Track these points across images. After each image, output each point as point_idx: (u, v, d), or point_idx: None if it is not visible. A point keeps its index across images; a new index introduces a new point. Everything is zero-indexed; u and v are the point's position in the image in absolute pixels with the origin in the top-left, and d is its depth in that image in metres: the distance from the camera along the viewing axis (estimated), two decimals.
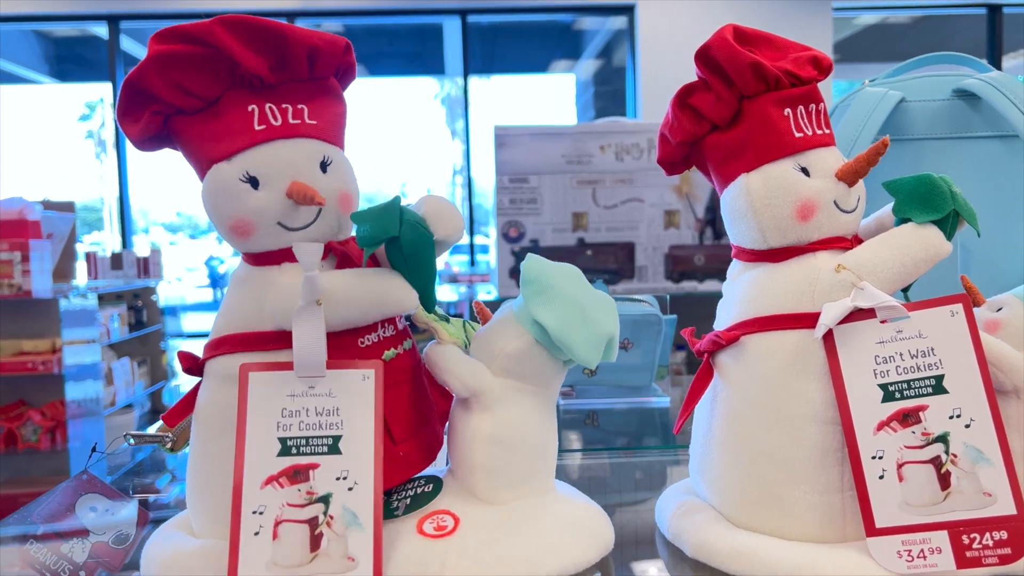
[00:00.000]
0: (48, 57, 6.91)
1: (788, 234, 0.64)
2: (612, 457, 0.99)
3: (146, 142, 0.62)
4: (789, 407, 0.62)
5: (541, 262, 0.63)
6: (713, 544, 0.63)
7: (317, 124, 0.62)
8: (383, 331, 0.64)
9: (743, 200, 0.65)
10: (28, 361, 2.95)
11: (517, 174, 2.22)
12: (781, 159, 0.64)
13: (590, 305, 0.61)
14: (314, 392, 0.59)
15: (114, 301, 4.04)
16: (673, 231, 2.26)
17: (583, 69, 6.94)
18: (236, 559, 0.55)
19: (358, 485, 0.57)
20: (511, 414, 0.63)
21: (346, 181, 0.63)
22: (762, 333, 0.64)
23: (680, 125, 0.68)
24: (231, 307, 0.63)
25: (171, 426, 0.65)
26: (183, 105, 0.60)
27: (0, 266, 2.89)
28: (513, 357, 0.63)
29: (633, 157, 2.21)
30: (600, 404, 1.20)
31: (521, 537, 0.60)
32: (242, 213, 0.60)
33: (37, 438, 2.99)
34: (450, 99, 7.48)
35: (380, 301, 0.60)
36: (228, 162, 0.60)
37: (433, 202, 0.63)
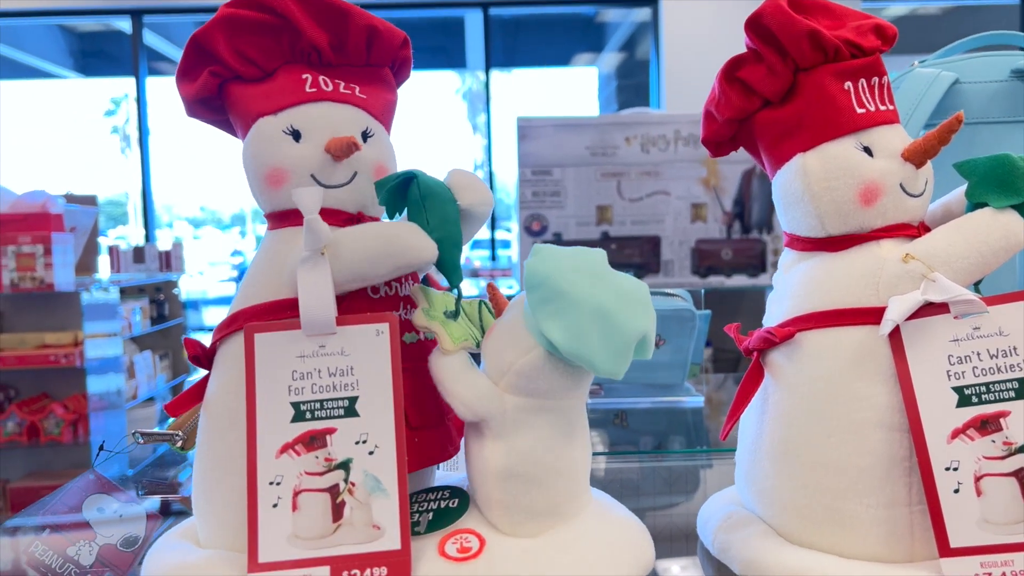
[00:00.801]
0: (72, 52, 6.95)
1: (849, 220, 0.58)
2: (643, 461, 0.94)
3: (197, 105, 0.62)
4: (851, 411, 0.56)
5: (548, 259, 0.54)
6: (765, 562, 0.57)
7: (367, 99, 0.62)
8: (401, 288, 0.60)
9: (799, 182, 0.60)
10: (51, 354, 2.94)
11: (540, 166, 2.18)
12: (841, 137, 0.59)
13: (613, 305, 0.52)
14: (325, 351, 0.55)
15: (136, 295, 4.04)
16: (700, 224, 2.20)
17: (606, 62, 6.87)
18: (255, 533, 0.52)
19: (379, 448, 0.54)
20: (526, 442, 0.56)
21: (385, 156, 0.62)
22: (820, 329, 0.58)
23: (728, 101, 0.63)
24: (249, 281, 0.60)
25: (174, 415, 0.61)
26: (241, 71, 0.60)
27: (23, 259, 2.89)
28: (523, 374, 0.55)
29: (659, 149, 2.16)
30: (629, 403, 1.15)
31: (554, 563, 0.54)
32: (278, 161, 0.59)
33: (60, 431, 2.99)
34: (471, 94, 7.45)
35: (392, 248, 0.55)
36: (274, 116, 0.60)
37: (458, 172, 0.60)
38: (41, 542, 0.71)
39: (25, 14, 5.64)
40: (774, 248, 2.21)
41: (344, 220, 0.59)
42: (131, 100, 5.77)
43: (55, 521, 0.75)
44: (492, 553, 0.55)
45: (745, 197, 2.19)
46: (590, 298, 0.52)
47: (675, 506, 0.82)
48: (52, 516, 0.76)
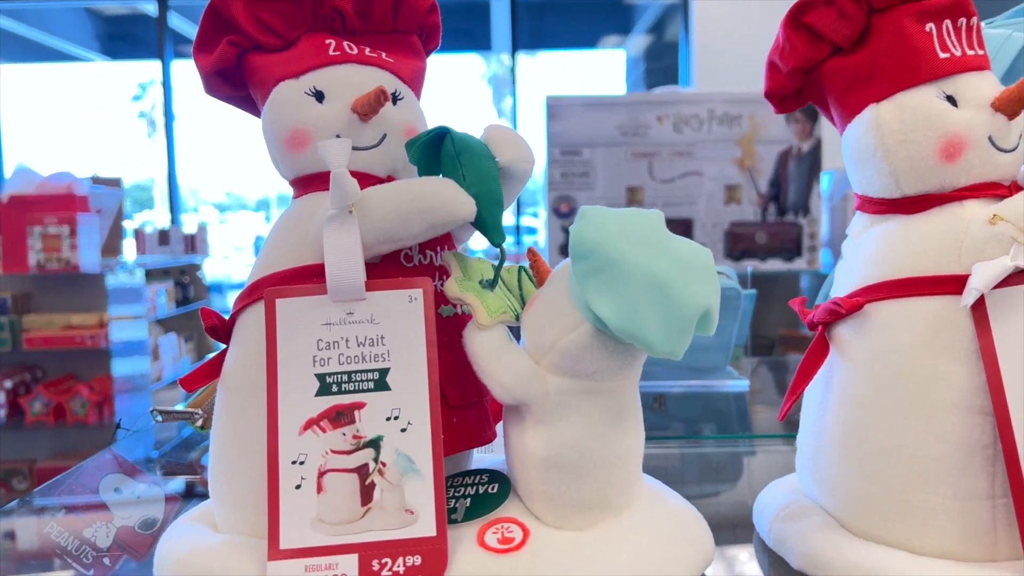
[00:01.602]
0: (99, 35, 6.97)
1: (928, 178, 0.53)
2: (683, 447, 0.90)
3: (215, 78, 0.59)
4: (926, 392, 0.50)
5: (597, 223, 0.47)
6: (825, 556, 0.52)
7: (395, 63, 0.58)
8: (436, 255, 0.56)
9: (871, 137, 0.54)
10: (76, 335, 2.96)
11: (569, 146, 2.13)
12: (921, 85, 0.53)
13: (672, 275, 0.46)
14: (353, 319, 0.50)
15: (161, 277, 4.05)
16: (734, 207, 2.15)
17: (634, 44, 6.78)
18: (277, 517, 0.47)
19: (412, 425, 0.49)
20: (571, 430, 0.50)
21: (416, 119, 0.58)
22: (893, 300, 0.52)
23: (793, 48, 0.57)
24: (270, 248, 0.56)
25: (190, 390, 0.57)
26: (261, 39, 0.57)
27: (48, 240, 2.90)
28: (568, 353, 0.49)
29: (692, 128, 2.10)
30: (668, 386, 1.10)
31: (605, 557, 0.49)
32: (300, 122, 0.55)
33: (85, 412, 3.00)
34: (496, 78, 7.40)
35: (425, 203, 0.50)
36: (296, 80, 0.56)
37: (496, 128, 0.56)
38: (57, 523, 0.68)
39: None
40: (810, 232, 2.14)
41: (373, 183, 0.54)
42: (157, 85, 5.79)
43: (71, 502, 0.72)
44: (536, 545, 0.50)
45: (781, 178, 2.13)
46: (645, 268, 0.46)
47: (719, 495, 0.78)
48: (69, 496, 0.73)
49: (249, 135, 0.60)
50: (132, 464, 0.69)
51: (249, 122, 0.62)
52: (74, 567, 0.62)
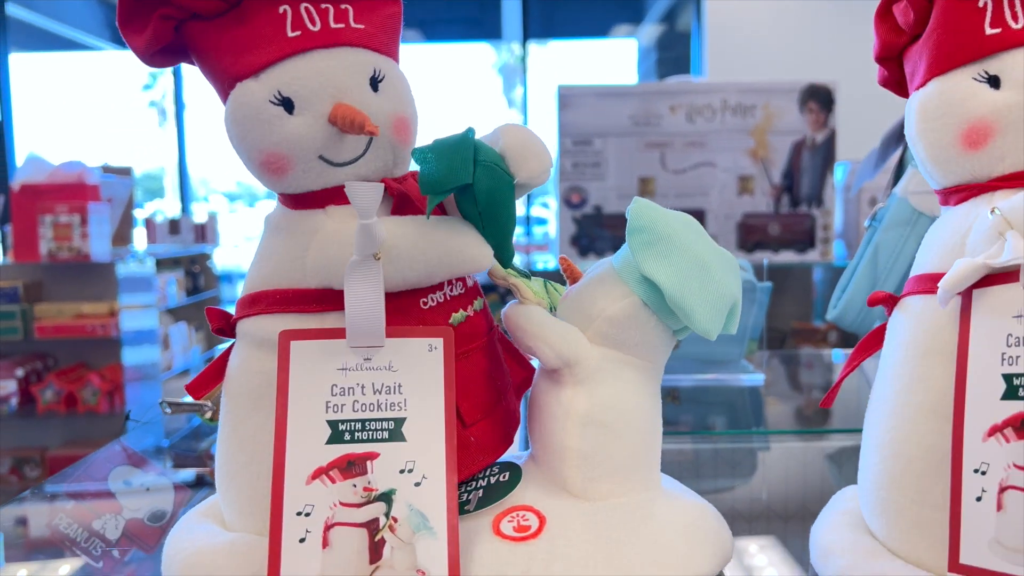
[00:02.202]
0: (110, 23, 6.98)
1: (954, 168, 0.50)
2: (696, 442, 0.89)
3: (156, 55, 0.52)
4: (908, 393, 0.49)
5: (652, 206, 0.52)
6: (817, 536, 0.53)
7: (365, 29, 0.51)
8: (450, 290, 0.53)
9: (907, 127, 0.52)
10: (87, 324, 2.96)
11: (581, 136, 2.12)
12: (961, 66, 0.49)
13: (714, 262, 0.51)
14: (371, 365, 0.48)
15: (171, 266, 4.06)
16: (747, 198, 2.13)
17: (646, 34, 6.74)
18: (277, 572, 0.44)
19: (427, 479, 0.47)
20: (612, 390, 0.52)
21: (402, 102, 0.53)
22: (909, 296, 0.51)
23: (878, 38, 0.55)
24: (266, 257, 0.53)
25: (196, 398, 0.56)
26: (197, 7, 0.49)
27: (59, 229, 2.90)
28: (615, 321, 0.52)
29: (705, 119, 2.09)
30: (683, 380, 1.09)
31: (623, 544, 0.49)
32: (275, 145, 0.49)
33: (96, 400, 3.01)
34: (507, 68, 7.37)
35: (449, 259, 0.49)
36: (255, 79, 0.50)
37: (514, 135, 0.51)
38: (66, 514, 0.67)
39: None
40: (824, 223, 2.12)
41: None
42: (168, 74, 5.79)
43: (81, 492, 0.72)
44: (553, 532, 0.49)
45: (795, 170, 2.10)
46: (694, 249, 0.51)
47: (731, 489, 0.77)
48: (78, 487, 0.73)
49: None
50: (141, 456, 0.68)
51: None
52: (83, 559, 0.62)
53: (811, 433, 0.94)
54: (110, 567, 0.61)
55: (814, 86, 2.08)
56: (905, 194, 0.94)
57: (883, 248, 0.95)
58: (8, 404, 2.94)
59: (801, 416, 1.03)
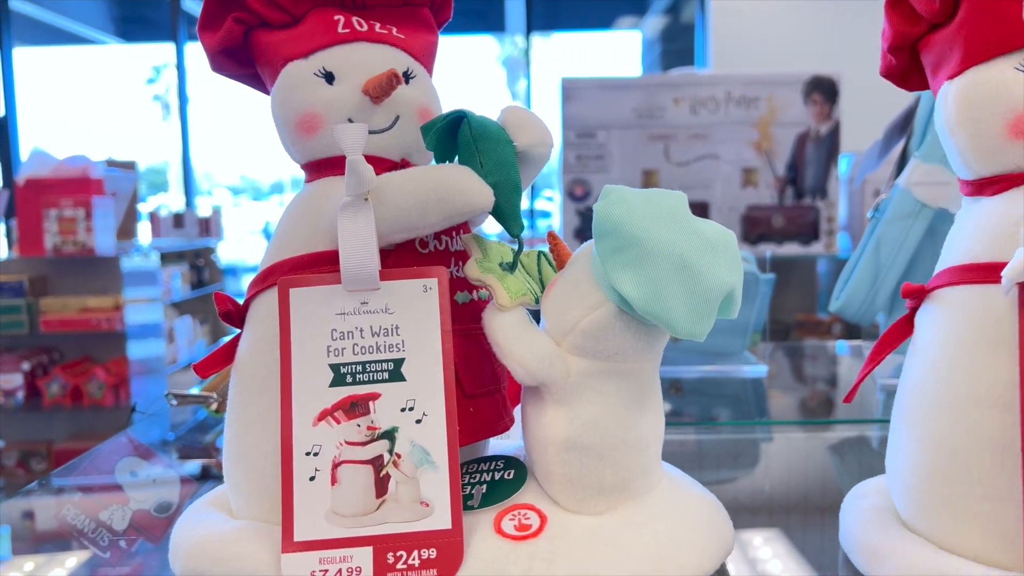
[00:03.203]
0: (113, 17, 6.98)
1: (998, 157, 0.49)
2: (700, 433, 0.89)
3: (222, 56, 0.57)
4: (965, 385, 0.47)
5: (621, 201, 0.47)
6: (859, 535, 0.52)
7: (405, 39, 0.57)
8: (452, 241, 0.54)
9: (943, 116, 0.51)
10: (92, 318, 2.97)
11: (584, 129, 2.11)
12: (1000, 56, 0.48)
13: (696, 255, 0.45)
14: (368, 308, 0.50)
15: (176, 260, 4.07)
16: (751, 190, 2.12)
17: (650, 26, 6.72)
18: (291, 509, 0.47)
19: (427, 416, 0.48)
20: (592, 410, 0.49)
21: (429, 98, 0.57)
22: (953, 287, 0.50)
23: (891, 26, 0.54)
24: (283, 233, 0.55)
25: (203, 376, 0.56)
26: (268, 15, 0.55)
27: (64, 223, 2.91)
28: (589, 334, 0.49)
29: (709, 111, 2.08)
30: (685, 371, 1.09)
31: (624, 543, 0.49)
32: (310, 105, 0.54)
33: (102, 394, 3.03)
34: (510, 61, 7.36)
35: (443, 192, 0.49)
36: (305, 60, 0.54)
37: (514, 110, 0.54)
38: (74, 505, 0.68)
39: None
40: (828, 215, 2.12)
41: (387, 168, 0.53)
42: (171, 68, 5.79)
43: (88, 484, 0.72)
44: (554, 532, 0.49)
45: (799, 161, 2.10)
46: (670, 247, 0.45)
47: (735, 480, 0.77)
48: (85, 479, 0.74)
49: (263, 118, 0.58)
50: (148, 447, 0.69)
51: (263, 105, 0.61)
52: (90, 550, 0.62)
53: (814, 424, 0.94)
54: (117, 558, 0.61)
55: (818, 78, 2.07)
56: (908, 185, 0.94)
57: (886, 240, 0.95)
58: (14, 398, 2.96)
59: (804, 408, 1.04)
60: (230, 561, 0.49)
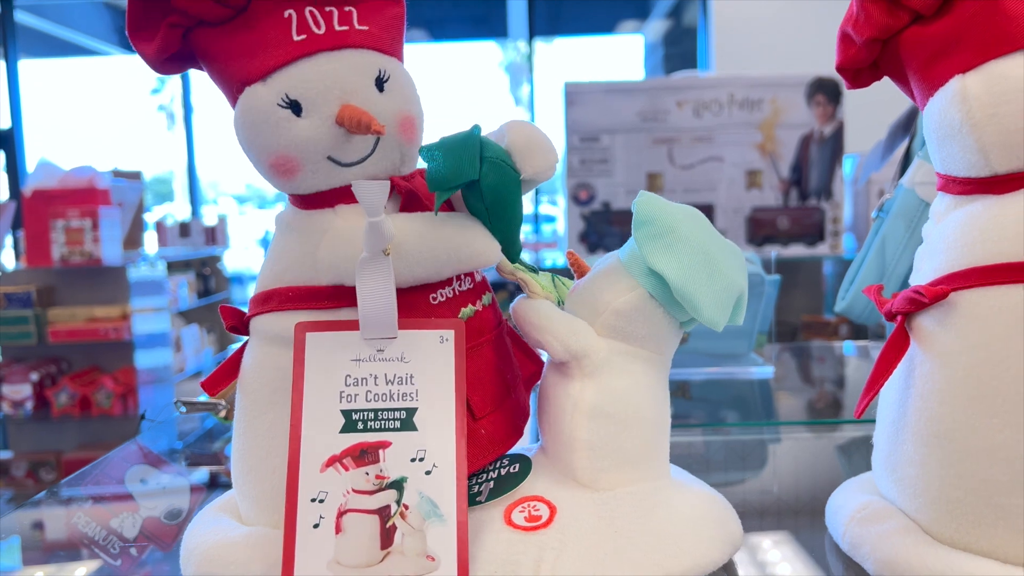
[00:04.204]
0: (118, 28, 7.02)
1: (1021, 154, 0.48)
2: (706, 434, 0.89)
3: (165, 63, 0.53)
4: (1020, 388, 0.46)
5: (657, 200, 0.53)
6: (907, 562, 0.49)
7: (369, 30, 0.52)
8: (459, 285, 0.54)
9: (956, 110, 0.50)
10: (100, 328, 2.98)
11: (588, 133, 2.12)
12: (1016, 52, 0.48)
13: (719, 253, 0.52)
14: (383, 356, 0.49)
15: (182, 269, 4.08)
16: (755, 192, 2.12)
17: (652, 29, 6.72)
18: (292, 556, 0.46)
19: (437, 468, 0.48)
20: (620, 382, 0.53)
21: (408, 101, 0.53)
22: (981, 288, 0.49)
23: (869, 17, 0.53)
24: (279, 256, 0.54)
25: (211, 394, 0.57)
26: (205, 14, 0.50)
27: (71, 233, 2.92)
28: (623, 314, 0.53)
29: (713, 113, 2.08)
30: (692, 374, 1.09)
31: (634, 532, 0.50)
32: (283, 147, 0.50)
33: (110, 403, 3.03)
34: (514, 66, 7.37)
35: (457, 254, 0.50)
36: (263, 83, 0.50)
37: (520, 131, 0.52)
38: (84, 513, 0.68)
39: None
40: (833, 216, 2.12)
41: None
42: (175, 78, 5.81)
43: (98, 492, 0.73)
44: (564, 521, 0.50)
45: (803, 163, 2.10)
46: (700, 241, 0.51)
47: (743, 482, 0.77)
48: (95, 487, 0.74)
49: None
50: (157, 455, 0.69)
51: None
52: (101, 557, 0.62)
53: (821, 424, 0.94)
54: (128, 565, 0.61)
55: (821, 79, 2.07)
56: (912, 185, 0.94)
57: (890, 239, 0.95)
58: (23, 408, 2.97)
59: (811, 408, 1.04)
60: (241, 565, 0.49)
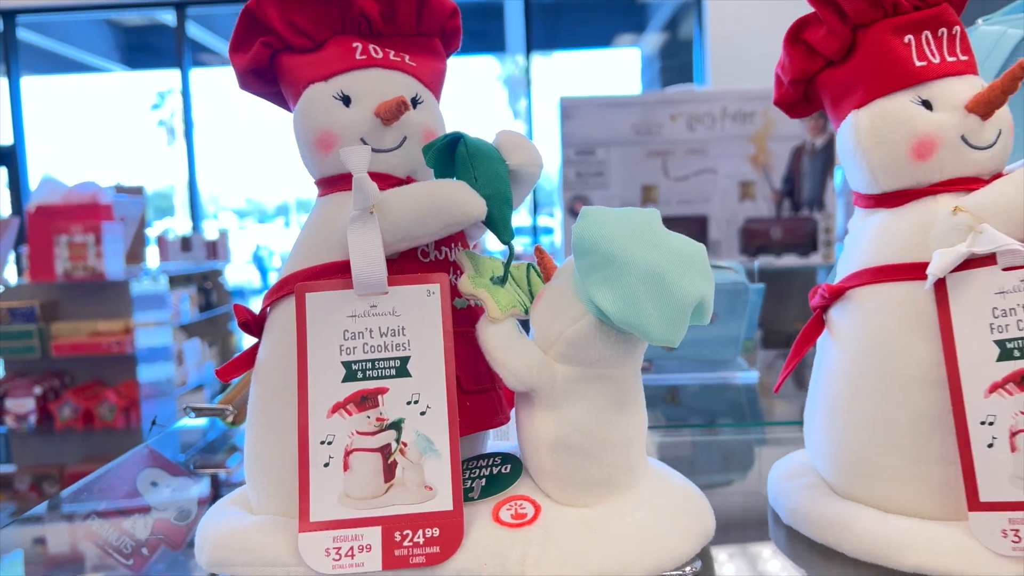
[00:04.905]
0: (119, 45, 7.08)
1: (903, 175, 0.58)
2: (695, 435, 0.92)
3: (249, 75, 0.62)
4: (893, 368, 0.56)
5: (596, 222, 0.51)
6: (805, 510, 0.59)
7: (416, 67, 0.62)
8: (451, 251, 0.59)
9: (851, 139, 0.60)
10: (103, 342, 3.01)
11: (584, 146, 2.15)
12: (897, 92, 0.58)
13: (668, 268, 0.49)
14: (377, 311, 0.55)
15: (184, 283, 4.10)
16: (748, 203, 2.16)
17: (649, 43, 6.79)
18: (307, 493, 0.51)
19: (431, 409, 0.53)
20: (578, 412, 0.54)
21: (435, 122, 0.62)
22: (872, 285, 0.58)
23: (792, 62, 0.63)
24: (300, 246, 0.60)
25: (225, 380, 0.61)
26: (293, 41, 0.60)
27: (75, 249, 2.95)
28: (573, 342, 0.53)
29: (706, 126, 2.12)
30: (681, 379, 1.13)
31: (612, 530, 0.53)
32: (328, 126, 0.59)
33: (113, 417, 3.06)
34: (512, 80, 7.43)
35: (439, 205, 0.54)
36: (325, 83, 0.60)
37: (505, 134, 0.59)
38: (97, 515, 0.71)
39: (73, 9, 5.75)
40: (825, 227, 2.15)
41: (394, 184, 0.58)
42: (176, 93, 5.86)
43: (111, 495, 0.76)
44: (547, 520, 0.54)
45: (795, 175, 2.14)
46: (642, 262, 0.49)
47: (731, 483, 0.80)
48: (108, 490, 0.77)
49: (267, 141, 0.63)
50: (168, 459, 0.72)
51: (267, 128, 0.66)
52: (114, 557, 0.65)
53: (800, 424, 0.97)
54: (140, 564, 0.64)
55: None
56: None
57: None
58: (27, 422, 2.99)
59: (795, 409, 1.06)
60: (252, 551, 0.54)
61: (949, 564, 0.51)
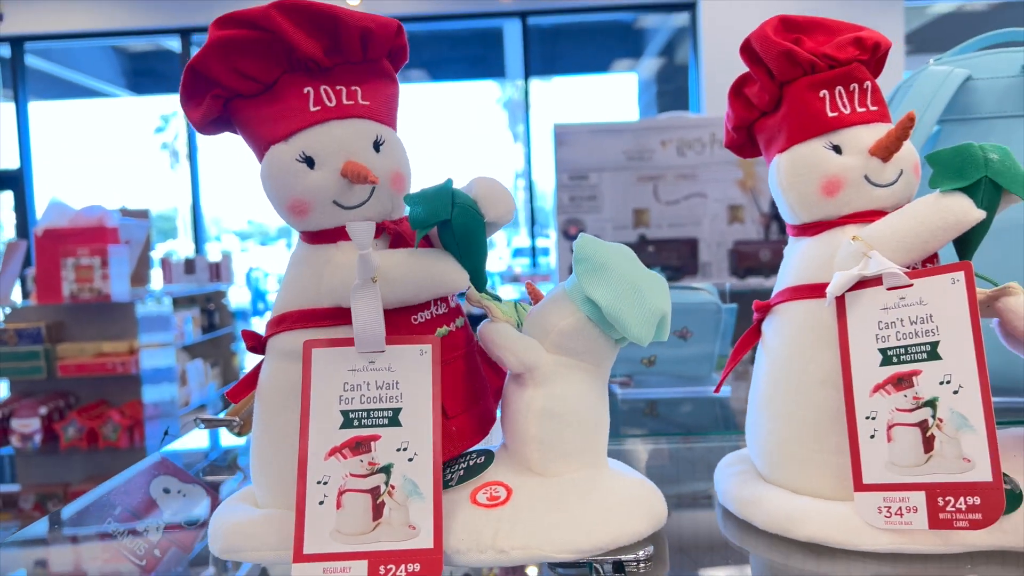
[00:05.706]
0: (124, 71, 7.18)
1: (815, 209, 0.67)
2: (671, 443, 0.98)
3: (208, 125, 0.65)
4: (801, 372, 0.65)
5: (594, 241, 0.64)
6: (734, 493, 0.69)
7: (370, 105, 0.64)
8: (436, 309, 0.65)
9: (775, 179, 0.69)
10: (108, 362, 3.04)
11: (577, 171, 2.22)
12: (811, 139, 0.67)
13: (643, 283, 0.63)
14: (374, 367, 0.61)
15: (187, 304, 4.15)
16: (737, 226, 2.22)
17: (645, 68, 6.88)
18: (302, 528, 0.57)
19: (418, 456, 0.59)
20: (563, 389, 0.64)
21: (399, 161, 0.65)
22: (789, 302, 0.67)
23: (735, 112, 0.73)
24: (290, 285, 0.66)
25: (235, 401, 0.68)
26: (242, 88, 0.63)
27: (81, 271, 3.00)
28: (566, 334, 0.64)
29: (695, 152, 2.19)
30: (659, 394, 1.20)
31: (573, 507, 0.61)
32: (299, 193, 0.62)
33: (117, 436, 3.09)
34: (511, 103, 7.51)
35: (432, 281, 0.62)
36: (285, 143, 0.62)
37: (484, 184, 0.64)
38: (112, 519, 0.77)
39: (80, 36, 5.85)
40: None
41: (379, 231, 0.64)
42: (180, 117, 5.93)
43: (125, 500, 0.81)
44: (518, 500, 0.61)
45: None
46: (627, 273, 0.62)
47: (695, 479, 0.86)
48: (121, 495, 0.82)
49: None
50: (179, 467, 0.78)
51: None
52: (128, 559, 0.70)
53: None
54: (152, 566, 0.69)
55: None
56: None
57: None
58: (32, 441, 3.02)
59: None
60: (259, 538, 0.61)
61: (834, 535, 0.60)
